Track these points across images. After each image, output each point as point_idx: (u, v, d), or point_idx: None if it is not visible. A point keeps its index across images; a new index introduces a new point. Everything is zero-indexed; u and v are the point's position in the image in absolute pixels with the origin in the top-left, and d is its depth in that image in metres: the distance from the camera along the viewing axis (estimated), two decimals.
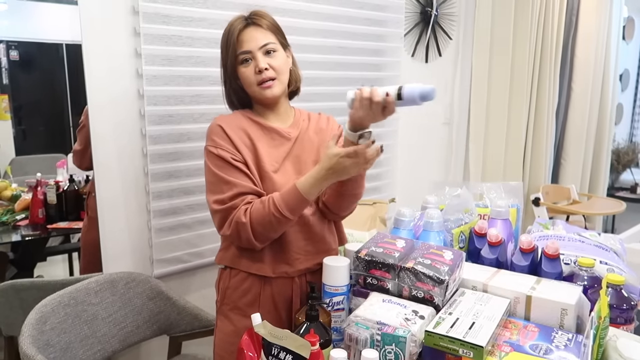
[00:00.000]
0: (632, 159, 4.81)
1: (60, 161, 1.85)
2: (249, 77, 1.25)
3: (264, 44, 1.24)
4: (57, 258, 1.91)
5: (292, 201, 1.17)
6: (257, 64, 1.23)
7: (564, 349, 0.92)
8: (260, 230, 1.18)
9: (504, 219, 1.39)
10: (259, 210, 1.18)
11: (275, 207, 1.16)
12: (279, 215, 1.16)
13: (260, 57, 1.24)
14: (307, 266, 1.30)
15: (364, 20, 2.26)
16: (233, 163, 1.22)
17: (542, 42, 3.03)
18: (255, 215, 1.18)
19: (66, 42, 1.71)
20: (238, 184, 1.20)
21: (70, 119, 1.79)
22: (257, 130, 1.28)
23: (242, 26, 1.25)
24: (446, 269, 1.05)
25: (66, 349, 1.42)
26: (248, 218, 1.18)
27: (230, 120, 1.28)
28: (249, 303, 1.29)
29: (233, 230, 1.20)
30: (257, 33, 1.24)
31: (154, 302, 1.66)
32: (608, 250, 1.29)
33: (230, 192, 1.20)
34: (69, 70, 1.74)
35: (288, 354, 0.87)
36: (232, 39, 1.24)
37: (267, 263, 1.27)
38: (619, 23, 3.68)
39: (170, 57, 1.68)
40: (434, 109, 2.72)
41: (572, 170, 3.54)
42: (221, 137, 1.24)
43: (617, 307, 1.05)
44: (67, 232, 1.88)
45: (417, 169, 2.68)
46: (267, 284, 1.28)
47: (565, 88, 3.44)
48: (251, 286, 1.28)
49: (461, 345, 0.89)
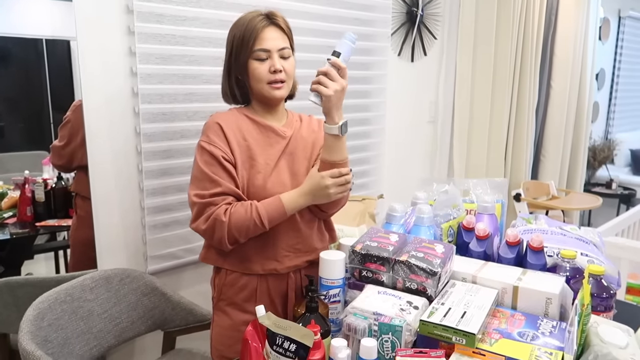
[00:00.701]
0: (608, 156, 4.96)
1: (46, 158, 1.84)
2: (262, 74, 1.27)
3: (282, 47, 1.28)
4: (42, 256, 1.90)
5: (273, 213, 1.23)
6: (273, 64, 1.26)
7: (549, 335, 0.98)
8: (234, 233, 1.22)
9: (490, 214, 1.45)
10: (240, 214, 1.21)
11: (258, 214, 1.22)
12: (259, 223, 1.22)
13: (277, 58, 1.27)
14: (296, 263, 1.34)
15: (352, 20, 2.30)
16: (222, 162, 1.25)
17: (523, 42, 3.11)
18: (236, 217, 1.21)
19: (46, 37, 1.70)
20: (222, 184, 1.23)
21: (50, 116, 1.79)
22: (254, 128, 1.32)
23: (265, 24, 1.26)
24: (438, 261, 1.10)
25: (64, 345, 1.44)
26: (227, 218, 1.21)
27: (228, 118, 1.31)
28: (246, 299, 1.32)
29: (209, 226, 1.22)
30: (278, 34, 1.28)
31: (148, 298, 1.68)
32: (588, 243, 1.35)
33: (213, 189, 1.23)
34: (49, 66, 1.73)
35: (292, 343, 0.91)
36: (253, 34, 1.25)
37: (254, 261, 1.30)
38: (595, 23, 3.79)
39: (164, 55, 1.69)
40: (419, 108, 2.79)
41: (551, 166, 3.64)
42: (217, 134, 1.27)
43: (597, 296, 1.12)
44: (56, 230, 1.88)
45: (403, 166, 2.74)
46: (262, 281, 1.32)
47: (544, 87, 3.53)
48: (247, 283, 1.32)
49: (454, 333, 0.94)
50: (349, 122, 1.27)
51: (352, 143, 2.39)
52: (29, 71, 1.69)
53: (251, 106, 1.36)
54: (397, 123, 2.65)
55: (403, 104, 2.67)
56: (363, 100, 2.46)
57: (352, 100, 2.38)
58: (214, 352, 1.37)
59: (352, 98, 2.38)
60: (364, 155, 2.50)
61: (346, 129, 1.25)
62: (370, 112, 2.50)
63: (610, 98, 5.44)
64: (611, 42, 5.22)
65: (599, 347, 0.97)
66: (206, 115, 1.74)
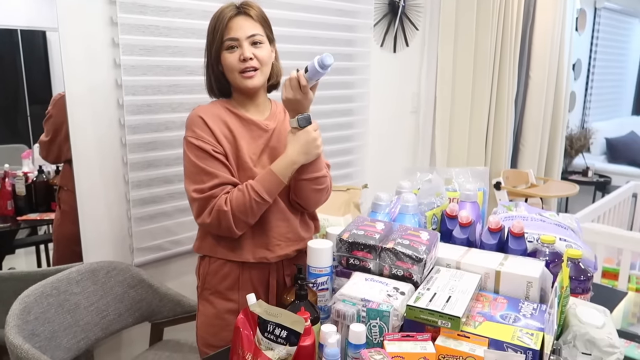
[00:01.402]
0: (584, 145, 5.07)
1: (26, 152, 1.81)
2: (232, 63, 1.27)
3: (251, 34, 1.27)
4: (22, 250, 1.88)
5: (269, 184, 1.25)
6: (242, 52, 1.26)
7: (530, 317, 1.01)
8: (240, 217, 1.24)
9: (472, 202, 1.48)
10: (239, 198, 1.23)
11: (255, 192, 1.23)
12: (259, 199, 1.23)
13: (247, 46, 1.27)
14: (287, 252, 1.36)
15: (335, 11, 2.31)
16: (213, 154, 1.26)
17: (502, 33, 3.16)
18: (236, 203, 1.23)
19: (21, 27, 1.67)
20: (219, 175, 1.25)
21: (27, 109, 1.76)
22: (236, 121, 1.32)
23: (233, 14, 1.27)
24: (424, 248, 1.13)
25: (51, 338, 1.43)
26: (229, 206, 1.23)
27: (210, 111, 1.31)
28: (229, 287, 1.34)
29: (214, 219, 1.24)
30: (246, 22, 1.27)
31: (135, 290, 1.68)
32: (566, 228, 1.40)
33: (211, 182, 1.24)
34: (24, 58, 1.70)
35: (283, 330, 0.93)
36: (221, 25, 1.26)
37: (246, 249, 1.32)
38: (572, 15, 3.86)
39: (148, 47, 1.68)
40: (402, 98, 2.81)
41: (529, 155, 3.72)
42: (202, 128, 1.27)
43: (575, 279, 1.17)
44: (38, 224, 1.86)
45: (387, 156, 2.77)
46: (245, 269, 1.34)
47: (523, 77, 3.59)
48: (230, 271, 1.34)
49: (440, 317, 0.97)
50: (333, 113, 1.29)
51: (336, 134, 2.41)
52: (3, 63, 1.66)
53: (233, 99, 1.36)
54: (380, 114, 2.68)
55: (386, 95, 2.70)
56: (346, 91, 2.47)
57: (335, 91, 2.39)
58: (199, 341, 1.39)
59: (335, 89, 2.39)
60: (348, 145, 2.52)
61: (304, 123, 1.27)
62: (354, 102, 2.52)
63: (586, 88, 5.55)
64: (587, 33, 5.32)
65: (578, 327, 1.01)
66: (191, 106, 1.73)
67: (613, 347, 0.97)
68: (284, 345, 0.94)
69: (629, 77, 6.50)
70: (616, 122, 5.85)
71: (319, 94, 1.22)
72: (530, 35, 3.57)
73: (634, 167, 5.15)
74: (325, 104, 2.33)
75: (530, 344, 0.92)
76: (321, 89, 2.29)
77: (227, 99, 1.37)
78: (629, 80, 6.52)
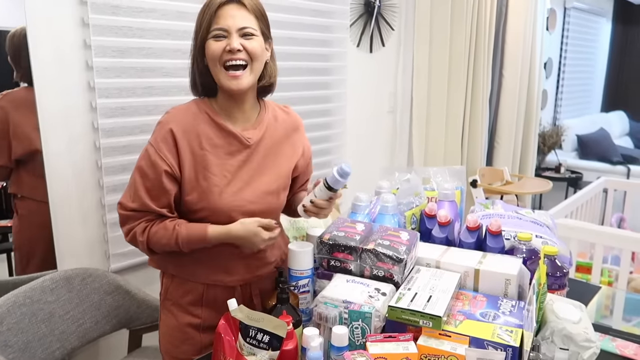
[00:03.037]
0: (556, 142, 5.18)
1: None
2: (215, 52, 1.10)
3: (243, 26, 1.11)
4: None
5: (195, 242, 1.16)
6: (229, 43, 1.10)
7: (509, 314, 1.03)
8: (153, 248, 1.18)
9: (450, 201, 1.50)
10: (161, 233, 1.15)
11: (177, 240, 1.14)
12: (176, 247, 1.15)
13: (235, 37, 1.11)
14: (246, 277, 1.26)
15: (310, 12, 2.30)
16: (161, 178, 1.13)
17: (476, 32, 3.20)
18: (157, 237, 1.15)
19: None
20: (147, 205, 1.14)
21: None
22: (213, 132, 1.17)
23: (224, 1, 1.11)
24: (404, 248, 1.14)
25: (24, 349, 1.40)
26: (145, 237, 1.15)
27: (184, 119, 1.16)
28: (191, 303, 1.25)
29: (130, 239, 1.19)
30: (239, 12, 1.12)
31: (112, 297, 1.65)
32: (542, 225, 1.43)
33: (136, 205, 1.15)
34: None
35: (265, 334, 0.92)
36: (209, 11, 1.11)
37: (200, 270, 1.22)
38: (543, 14, 3.94)
39: (121, 48, 1.65)
40: (379, 98, 2.83)
41: (504, 153, 3.78)
42: (166, 143, 1.14)
43: (552, 275, 1.19)
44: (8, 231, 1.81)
45: (365, 156, 2.78)
46: (209, 289, 1.24)
47: (497, 76, 3.65)
48: (193, 288, 1.24)
49: (421, 317, 0.98)
50: (310, 113, 1.25)
51: (313, 134, 2.40)
52: None
53: (216, 100, 1.20)
54: (358, 114, 2.68)
55: (363, 95, 2.71)
56: (323, 91, 2.47)
57: (312, 91, 2.39)
58: (162, 349, 1.31)
59: (312, 89, 2.39)
60: (326, 146, 2.52)
61: None
62: (331, 103, 2.53)
63: (557, 86, 5.68)
64: (557, 33, 5.44)
65: (555, 323, 1.03)
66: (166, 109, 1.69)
67: (589, 342, 1.00)
68: (266, 350, 0.93)
69: (598, 75, 6.68)
70: (586, 119, 6.00)
71: (295, 95, 1.20)
72: (503, 35, 3.63)
73: (604, 162, 5.29)
74: (303, 105, 2.32)
75: (510, 341, 0.93)
76: (298, 90, 2.30)
77: (209, 100, 1.20)
78: (598, 78, 6.70)
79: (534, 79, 3.92)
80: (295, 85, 2.29)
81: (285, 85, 2.22)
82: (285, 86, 2.21)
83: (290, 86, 2.25)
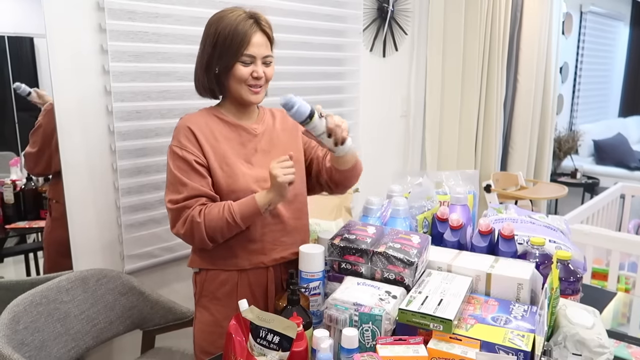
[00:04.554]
0: (572, 147, 5.12)
1: (14, 159, 1.80)
2: (243, 76, 1.29)
3: (266, 55, 1.31)
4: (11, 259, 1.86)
5: (247, 211, 1.24)
6: (256, 70, 1.29)
7: (521, 319, 1.02)
8: (211, 232, 1.25)
9: (462, 205, 1.49)
10: (214, 213, 1.24)
11: (230, 213, 1.24)
12: (232, 221, 1.24)
13: (260, 64, 1.30)
14: (283, 255, 1.36)
15: (324, 17, 2.32)
16: (194, 166, 1.27)
17: (490, 37, 3.19)
18: (210, 217, 1.24)
19: (8, 34, 1.67)
20: (194, 187, 1.26)
21: (15, 116, 1.75)
22: (224, 127, 1.33)
23: (255, 30, 1.28)
24: (415, 251, 1.14)
25: (41, 348, 1.42)
26: (202, 218, 1.23)
27: (197, 120, 1.32)
28: (227, 294, 1.34)
29: (187, 229, 1.25)
30: (264, 41, 1.31)
31: (126, 298, 1.67)
32: (555, 230, 1.41)
33: (186, 193, 1.25)
34: (12, 64, 1.69)
35: (275, 335, 0.93)
36: (244, 39, 1.27)
37: (241, 257, 1.33)
38: (558, 19, 3.91)
39: (137, 53, 1.68)
40: (392, 102, 2.83)
41: (519, 158, 3.75)
42: (188, 138, 1.28)
43: (565, 280, 1.18)
44: (27, 232, 1.84)
45: (377, 160, 2.78)
46: (243, 275, 1.34)
47: (511, 81, 3.63)
48: (228, 278, 1.34)
49: (432, 320, 0.98)
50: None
51: None
52: None
53: (223, 105, 1.38)
54: (371, 118, 2.69)
55: (376, 99, 2.71)
56: (336, 95, 2.48)
57: (325, 95, 2.40)
58: (197, 348, 1.38)
59: (325, 94, 2.40)
60: None
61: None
62: (344, 107, 2.53)
63: (573, 90, 5.62)
64: (574, 37, 5.39)
65: (568, 328, 1.02)
66: (180, 112, 1.73)
67: (603, 348, 0.98)
68: (276, 350, 0.93)
69: (615, 80, 6.60)
70: (603, 124, 5.93)
71: (308, 98, 1.21)
72: (517, 40, 3.61)
73: (622, 168, 5.22)
74: None
75: (521, 346, 0.92)
76: (311, 93, 2.31)
77: (216, 106, 1.38)
78: (615, 83, 6.62)
79: (549, 83, 3.88)
80: (309, 89, 2.31)
81: (299, 89, 2.24)
82: (298, 90, 2.23)
83: (304, 90, 2.27)
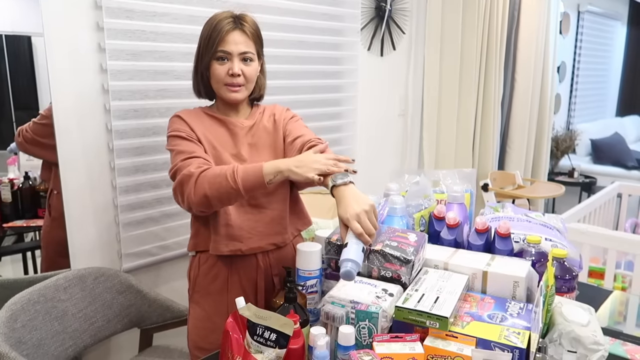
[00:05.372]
0: (570, 146, 5.13)
1: (11, 158, 1.80)
2: (220, 75, 1.31)
3: (244, 52, 1.30)
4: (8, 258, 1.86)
5: (251, 175, 1.16)
6: (231, 67, 1.29)
7: (517, 317, 1.03)
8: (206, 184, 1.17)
9: (459, 203, 1.50)
10: (218, 169, 1.19)
11: (233, 171, 1.17)
12: (232, 181, 1.16)
13: (237, 62, 1.30)
14: (260, 245, 1.35)
15: (321, 15, 2.32)
16: (188, 139, 1.30)
17: (488, 36, 3.19)
18: (212, 172, 1.18)
19: (6, 32, 1.66)
20: (190, 151, 1.26)
21: (13, 114, 1.75)
22: (214, 123, 1.37)
23: (231, 28, 1.29)
24: (412, 249, 1.14)
25: (38, 346, 1.42)
26: (197, 171, 1.19)
27: (189, 113, 1.37)
28: (218, 289, 1.36)
29: (178, 183, 1.21)
30: (242, 39, 1.30)
31: (123, 296, 1.67)
32: (552, 229, 1.42)
33: (182, 156, 1.25)
34: (9, 62, 1.69)
35: (272, 332, 0.93)
36: (218, 36, 1.28)
37: (219, 242, 1.32)
38: (556, 18, 3.91)
39: (135, 51, 1.68)
40: (390, 101, 2.83)
41: (516, 157, 3.76)
42: (180, 123, 1.33)
43: (561, 278, 1.18)
44: (24, 231, 1.84)
45: (375, 159, 2.79)
46: (233, 268, 1.35)
47: (509, 80, 3.63)
48: (219, 271, 1.36)
49: (428, 318, 0.99)
50: (321, 116, 1.29)
51: (324, 137, 2.41)
52: None
53: (215, 105, 1.42)
54: (368, 117, 2.69)
55: (374, 98, 2.71)
56: (334, 94, 2.49)
57: (323, 94, 2.40)
58: (190, 344, 1.40)
59: (323, 93, 2.40)
60: (337, 148, 2.53)
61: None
62: (342, 106, 2.54)
63: (571, 90, 5.63)
64: (571, 36, 5.40)
65: (563, 325, 1.03)
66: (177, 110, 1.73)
67: (598, 345, 0.99)
68: (273, 348, 0.94)
69: (613, 79, 6.61)
70: (601, 123, 5.94)
71: (306, 98, 1.22)
72: (515, 39, 3.62)
73: (619, 167, 5.23)
74: (314, 108, 2.34)
75: (517, 343, 0.93)
76: (309, 92, 2.31)
77: (209, 106, 1.42)
78: (613, 82, 6.64)
79: (546, 82, 3.89)
80: (306, 88, 2.31)
81: (297, 88, 2.24)
82: (296, 89, 2.23)
83: (302, 89, 2.27)
